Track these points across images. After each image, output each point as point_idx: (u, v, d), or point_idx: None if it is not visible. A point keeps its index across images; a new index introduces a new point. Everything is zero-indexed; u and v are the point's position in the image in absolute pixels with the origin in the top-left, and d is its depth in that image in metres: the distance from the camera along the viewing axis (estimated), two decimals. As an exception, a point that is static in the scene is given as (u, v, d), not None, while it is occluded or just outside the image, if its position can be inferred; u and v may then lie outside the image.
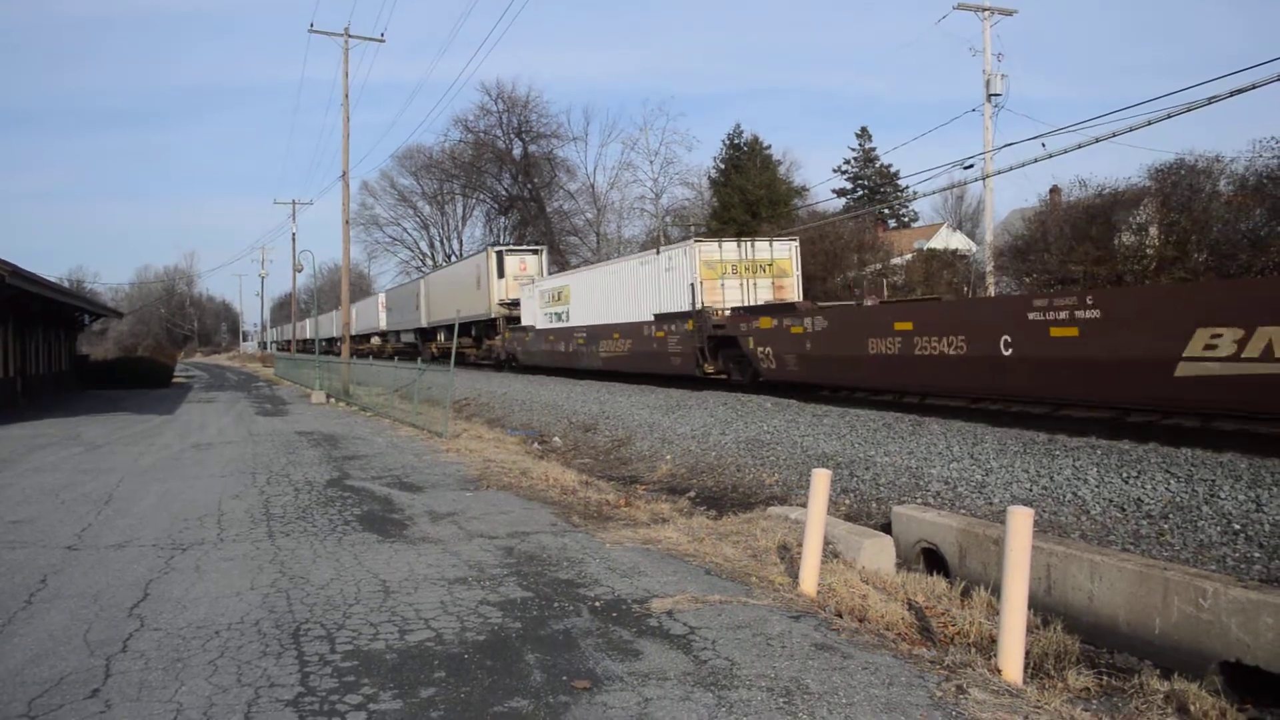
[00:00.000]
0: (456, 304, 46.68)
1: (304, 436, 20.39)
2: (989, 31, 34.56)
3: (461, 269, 50.75)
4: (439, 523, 10.31)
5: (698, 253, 24.97)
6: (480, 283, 44.74)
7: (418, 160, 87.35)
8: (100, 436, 20.95)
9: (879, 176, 72.57)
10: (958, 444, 13.03)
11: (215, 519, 10.70)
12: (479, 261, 45.91)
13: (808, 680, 5.35)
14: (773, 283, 25.43)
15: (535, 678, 5.42)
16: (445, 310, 50.37)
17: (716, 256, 25.03)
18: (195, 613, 6.86)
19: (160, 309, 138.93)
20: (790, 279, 25.78)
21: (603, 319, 30.81)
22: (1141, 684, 6.56)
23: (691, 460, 16.26)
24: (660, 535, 9.46)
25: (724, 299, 24.54)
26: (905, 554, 9.89)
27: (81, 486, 13.30)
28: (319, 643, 6.10)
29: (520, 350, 40.49)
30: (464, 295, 46.70)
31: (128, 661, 5.80)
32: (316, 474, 14.29)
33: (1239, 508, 8.84)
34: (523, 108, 78.80)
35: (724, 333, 23.00)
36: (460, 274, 49.99)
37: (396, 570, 8.09)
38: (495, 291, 43.27)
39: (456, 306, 46.18)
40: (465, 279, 47.78)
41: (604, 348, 30.53)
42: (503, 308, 43.04)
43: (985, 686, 5.37)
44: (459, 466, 15.03)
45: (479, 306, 44.93)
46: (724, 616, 6.58)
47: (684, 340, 24.83)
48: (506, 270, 43.41)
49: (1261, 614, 6.64)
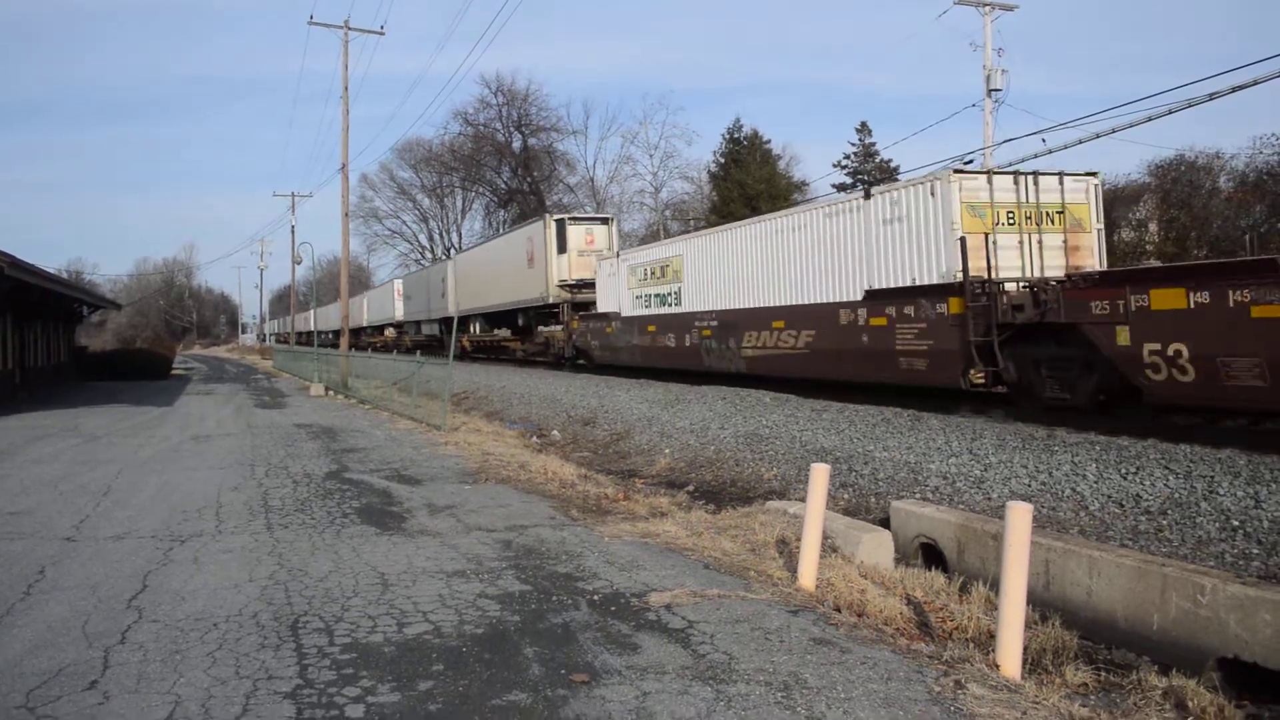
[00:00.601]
0: (498, 288, 41.27)
1: (302, 429, 20.38)
2: (989, 26, 34.50)
3: (505, 245, 42.32)
4: (437, 516, 10.31)
5: (957, 191, 16.31)
6: (534, 260, 36.61)
7: (417, 153, 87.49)
8: (99, 428, 20.93)
9: (879, 171, 72.44)
10: (956, 439, 13.03)
11: (214, 511, 10.69)
12: (532, 234, 37.49)
13: (806, 674, 5.35)
14: (1064, 240, 17.03)
15: (533, 671, 5.42)
16: (483, 295, 44.65)
17: (984, 197, 16.49)
18: (194, 605, 6.85)
19: (159, 301, 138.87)
20: (1088, 235, 17.27)
21: (747, 300, 22.47)
22: (1139, 680, 6.56)
23: (690, 454, 16.26)
24: (659, 529, 9.46)
25: (996, 265, 15.92)
26: (904, 549, 9.89)
27: (80, 478, 13.30)
28: (317, 635, 6.10)
29: (597, 344, 31.83)
30: (509, 277, 39.77)
31: (126, 653, 5.80)
32: (315, 466, 14.28)
33: (1238, 504, 8.84)
34: (522, 101, 78.91)
35: (1037, 318, 14.61)
36: (504, 251, 41.92)
37: (395, 563, 8.09)
38: (554, 270, 35.03)
39: (498, 290, 41.14)
40: (511, 257, 39.88)
41: (752, 341, 22.00)
42: (564, 290, 34.94)
43: (983, 682, 5.37)
44: (458, 460, 15.03)
45: (531, 290, 37.02)
46: (722, 611, 6.58)
47: (935, 331, 16.37)
48: (569, 244, 35.05)
49: (1260, 610, 6.64)
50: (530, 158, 79.85)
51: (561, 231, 35.33)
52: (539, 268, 35.94)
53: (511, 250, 40.13)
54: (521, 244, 38.62)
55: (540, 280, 35.80)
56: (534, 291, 36.53)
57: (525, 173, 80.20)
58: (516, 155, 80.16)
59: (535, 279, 36.32)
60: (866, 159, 70.22)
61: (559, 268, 35.06)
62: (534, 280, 36.49)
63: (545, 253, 35.31)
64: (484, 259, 45.94)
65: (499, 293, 41.23)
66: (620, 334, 29.88)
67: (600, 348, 31.66)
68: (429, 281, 58.15)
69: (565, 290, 34.88)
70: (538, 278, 36.04)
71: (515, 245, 39.71)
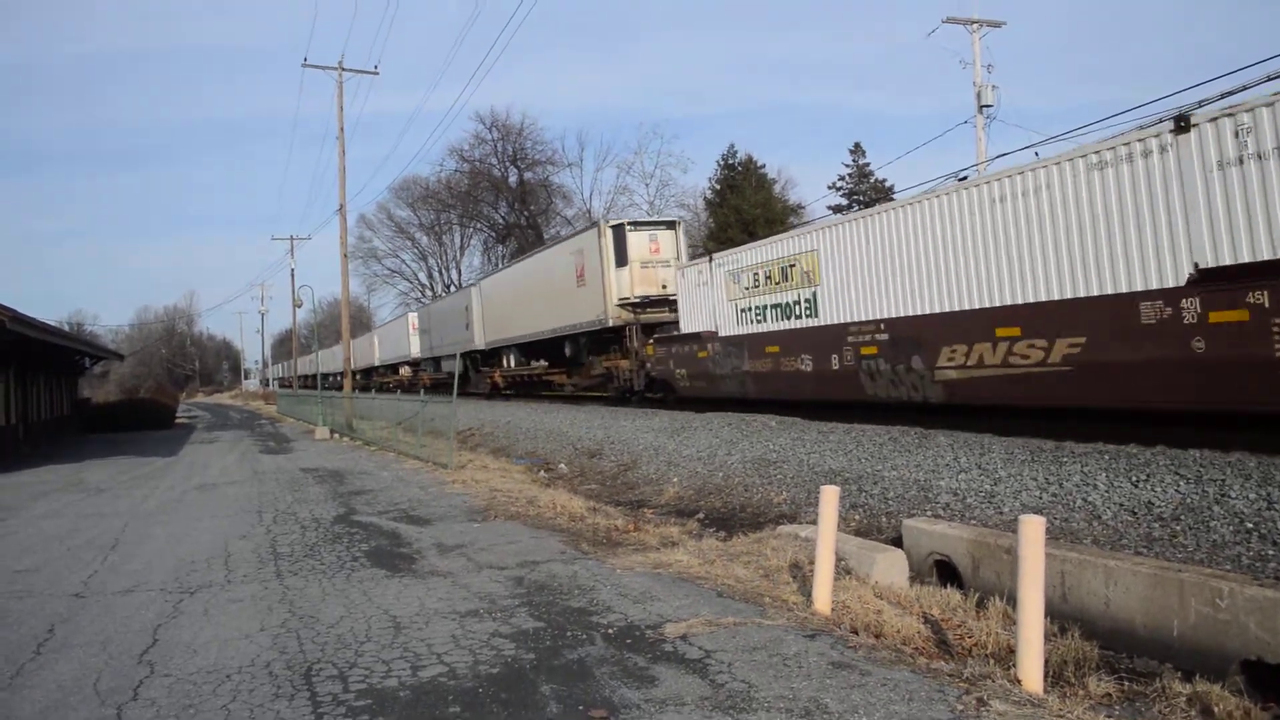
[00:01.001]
0: (537, 313, 35.87)
1: (309, 473, 20.33)
2: (978, 44, 34.73)
3: (545, 262, 36.57)
4: (448, 555, 10.26)
5: None
6: (585, 276, 31.16)
7: (414, 191, 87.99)
8: (104, 481, 20.89)
9: (874, 191, 72.67)
10: (964, 455, 12.98)
11: (223, 560, 10.64)
12: (582, 246, 31.88)
13: (826, 699, 5.29)
14: None
15: (551, 709, 5.36)
16: (517, 323, 39.29)
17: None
18: (205, 657, 6.80)
19: (161, 349, 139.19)
20: None
21: (941, 301, 16.32)
22: (1163, 687, 6.52)
23: (699, 482, 16.20)
24: (670, 559, 9.41)
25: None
26: (918, 567, 9.83)
27: (86, 532, 13.24)
28: (331, 682, 6.04)
29: (685, 373, 25.33)
30: (552, 299, 34.37)
31: (139, 710, 5.74)
32: (323, 511, 14.23)
33: (1250, 506, 8.79)
34: (517, 135, 79.38)
35: None
36: (544, 270, 36.06)
37: (407, 605, 8.03)
38: (613, 287, 29.20)
39: (538, 316, 35.79)
40: (553, 276, 34.29)
41: (955, 359, 15.76)
42: (626, 310, 29.04)
43: (1006, 698, 5.32)
44: (465, 497, 14.98)
45: (582, 312, 31.46)
46: (739, 638, 6.52)
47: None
48: (630, 254, 29.08)
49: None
50: (527, 192, 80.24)
51: (620, 240, 29.50)
52: (593, 285, 30.38)
53: (554, 267, 34.55)
54: (567, 259, 33.07)
55: (595, 300, 30.17)
56: (587, 314, 31.01)
57: (522, 207, 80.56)
58: (513, 190, 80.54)
59: (588, 299, 30.79)
60: (861, 179, 70.45)
61: (619, 283, 29.25)
62: (586, 300, 30.98)
63: (601, 266, 29.60)
64: (517, 281, 40.19)
65: (539, 318, 35.90)
66: (721, 358, 23.36)
67: (689, 377, 25.12)
68: (449, 312, 52.53)
69: (627, 310, 29.02)
70: (591, 297, 30.52)
71: (559, 261, 34.21)
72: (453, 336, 49.88)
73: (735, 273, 23.24)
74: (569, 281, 32.45)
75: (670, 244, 29.83)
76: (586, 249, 31.14)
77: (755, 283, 22.37)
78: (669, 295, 27.90)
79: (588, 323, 31.10)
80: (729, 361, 22.98)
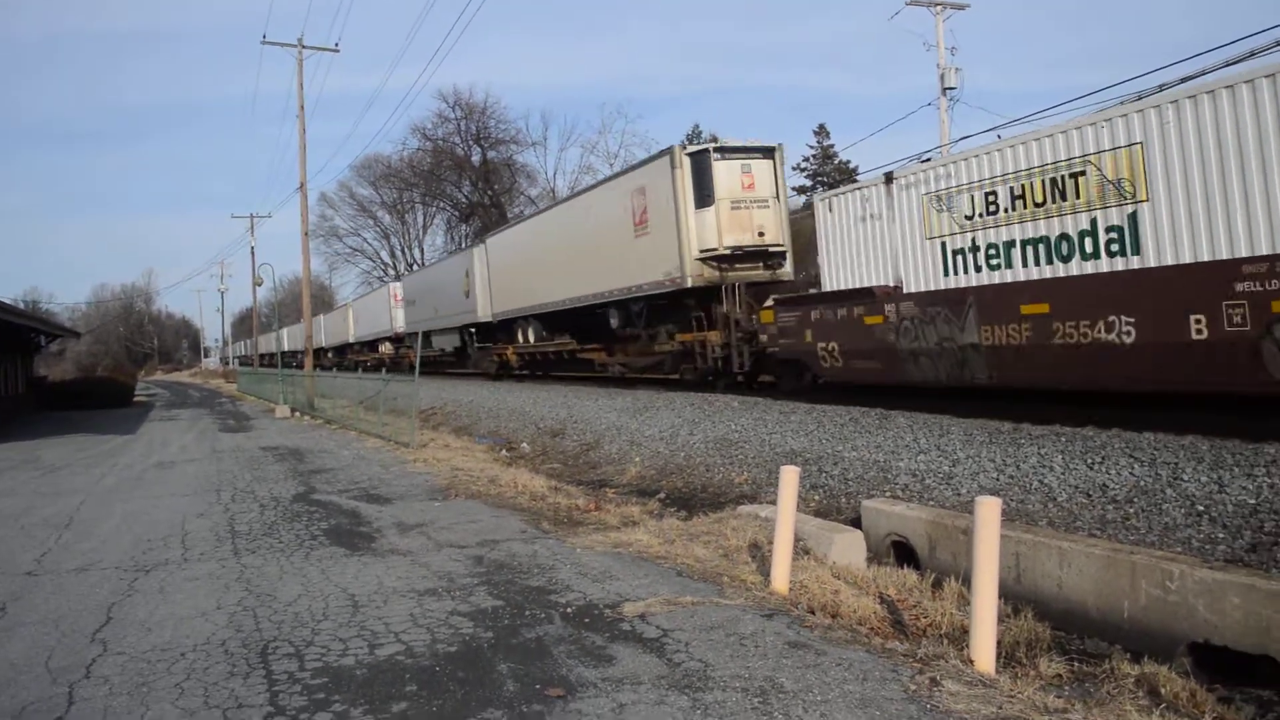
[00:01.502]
0: (575, 274, 28.75)
1: (269, 452, 20.19)
2: (941, 26, 34.82)
3: (584, 210, 28.98)
4: (407, 534, 10.23)
5: None
6: (648, 222, 23.93)
7: (376, 170, 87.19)
8: (60, 459, 20.65)
9: (838, 173, 72.87)
10: (924, 436, 13.08)
11: (179, 539, 10.55)
12: (644, 183, 24.18)
13: (782, 679, 5.33)
14: None
15: (508, 687, 5.37)
16: (542, 288, 31.77)
17: None
18: (160, 635, 6.74)
19: (119, 328, 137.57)
20: None
21: None
22: (1112, 669, 6.61)
23: (660, 462, 16.24)
24: (631, 538, 9.43)
25: None
26: (876, 548, 9.91)
27: (41, 510, 13.09)
28: (287, 660, 6.02)
29: (832, 349, 17.78)
30: (596, 255, 27.29)
31: (91, 688, 5.69)
32: (282, 489, 14.14)
33: (1202, 489, 8.92)
34: (481, 114, 78.75)
35: None
36: (582, 219, 28.85)
37: (365, 584, 8.01)
38: (692, 234, 22.01)
39: (574, 278, 28.80)
40: (598, 225, 27.27)
41: None
42: (710, 267, 21.97)
43: (958, 678, 5.38)
44: (427, 476, 14.93)
45: (644, 269, 24.15)
46: (697, 618, 6.55)
47: None
48: (719, 189, 21.73)
49: (1228, 594, 6.70)
50: (490, 171, 79.74)
51: (703, 171, 22.11)
52: (661, 234, 23.30)
53: (598, 215, 27.44)
54: (619, 202, 25.80)
55: (664, 253, 23.03)
56: (651, 271, 23.85)
57: (486, 186, 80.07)
58: (476, 169, 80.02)
59: (654, 252, 23.66)
60: (825, 160, 70.67)
61: (701, 230, 22.09)
62: (650, 255, 23.84)
63: (676, 208, 22.45)
64: (540, 237, 32.83)
65: (573, 281, 28.95)
66: (916, 327, 15.67)
67: (844, 354, 17.39)
68: (442, 280, 45.08)
69: (710, 266, 22.13)
70: (658, 250, 23.36)
71: (606, 206, 26.83)
72: (448, 308, 43.17)
73: (943, 195, 16.84)
74: (621, 232, 25.49)
75: (768, 177, 22.56)
76: (651, 186, 23.76)
77: (990, 206, 15.93)
78: (769, 246, 22.18)
79: (652, 284, 23.96)
80: (932, 331, 15.31)
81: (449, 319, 43.17)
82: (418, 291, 50.74)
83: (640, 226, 24.47)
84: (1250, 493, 8.58)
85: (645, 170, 24.62)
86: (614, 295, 26.32)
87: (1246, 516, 8.22)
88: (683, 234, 22.30)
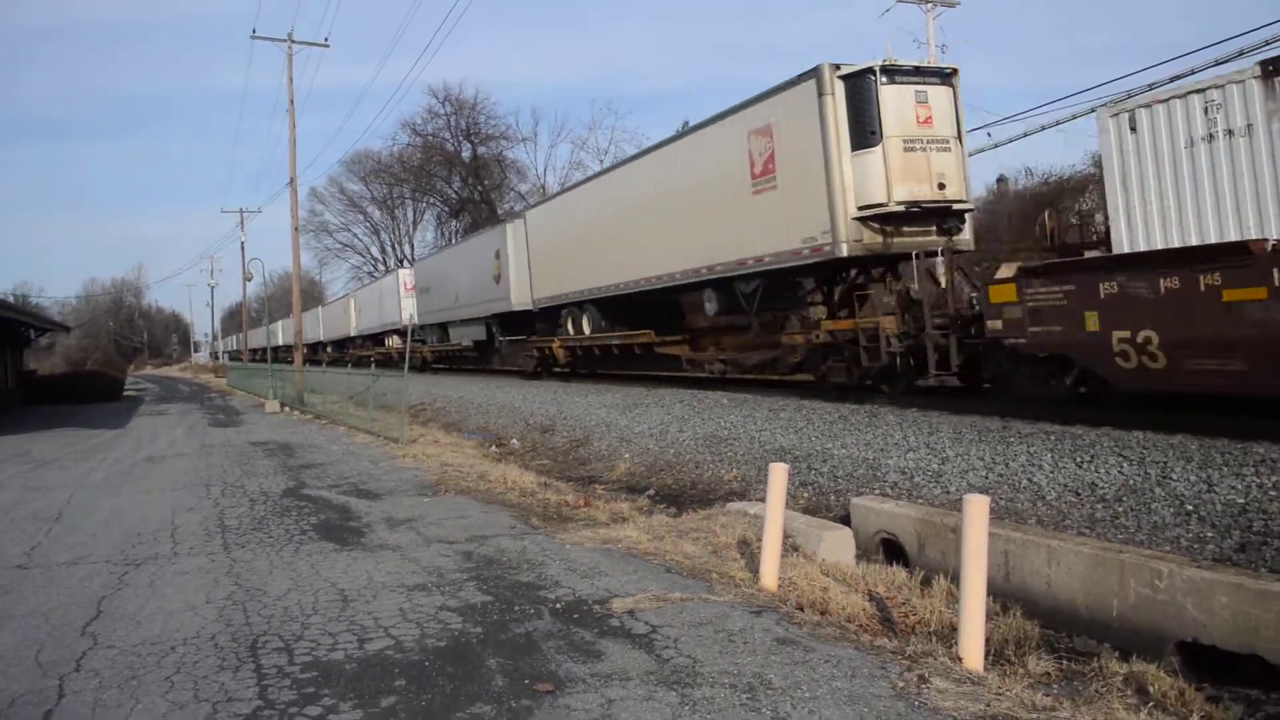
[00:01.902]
0: (651, 249, 23.04)
1: (258, 446, 20.15)
2: (932, 24, 34.82)
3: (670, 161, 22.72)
4: (397, 529, 10.22)
5: None
6: (776, 169, 18.33)
7: (366, 165, 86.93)
8: (49, 452, 20.58)
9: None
10: (914, 434, 13.10)
11: (169, 533, 10.53)
12: (773, 118, 18.40)
13: (770, 675, 5.34)
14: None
15: (497, 682, 5.38)
16: (608, 265, 25.68)
17: None
18: (150, 629, 6.74)
19: (109, 322, 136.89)
20: None
21: None
22: (1101, 667, 6.64)
23: (650, 458, 16.24)
24: (620, 535, 9.44)
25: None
26: (865, 545, 9.93)
27: (31, 504, 13.05)
28: (277, 655, 6.02)
29: (1152, 342, 11.17)
30: (689, 222, 21.33)
31: (81, 681, 5.68)
32: (272, 484, 14.12)
33: (1191, 489, 8.95)
34: (471, 110, 78.55)
35: None
36: (670, 173, 22.56)
37: (355, 579, 8.00)
38: (848, 188, 16.65)
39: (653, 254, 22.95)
40: (694, 182, 21.23)
41: None
42: (872, 230, 16.70)
43: (947, 675, 5.39)
44: (416, 472, 14.92)
45: (770, 237, 18.56)
46: (685, 614, 6.56)
47: None
48: (887, 123, 16.43)
49: (1216, 593, 6.72)
50: (480, 166, 79.59)
51: (864, 99, 16.62)
52: (801, 186, 17.61)
53: (694, 168, 21.18)
54: (729, 149, 19.66)
55: (805, 211, 17.46)
56: (782, 238, 18.15)
57: (476, 181, 79.92)
58: (466, 164, 79.88)
59: (787, 211, 17.97)
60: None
61: (861, 180, 16.57)
62: (781, 214, 18.13)
63: (824, 150, 16.82)
64: (602, 204, 26.58)
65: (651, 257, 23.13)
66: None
67: (1165, 348, 11.12)
68: (464, 263, 39.04)
69: (872, 229, 16.65)
70: (795, 208, 17.76)
71: (707, 155, 20.66)
72: (471, 295, 37.66)
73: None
74: (728, 188, 19.55)
75: (947, 109, 17.01)
76: (782, 124, 18.02)
77: None
78: (951, 202, 16.83)
79: (779, 255, 18.16)
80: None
81: (472, 308, 37.73)
82: (433, 278, 44.74)
83: (762, 179, 18.55)
84: (1239, 492, 8.61)
85: (772, 103, 18.33)
86: (715, 272, 20.48)
87: (1235, 516, 8.25)
88: (835, 185, 16.60)
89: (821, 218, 16.87)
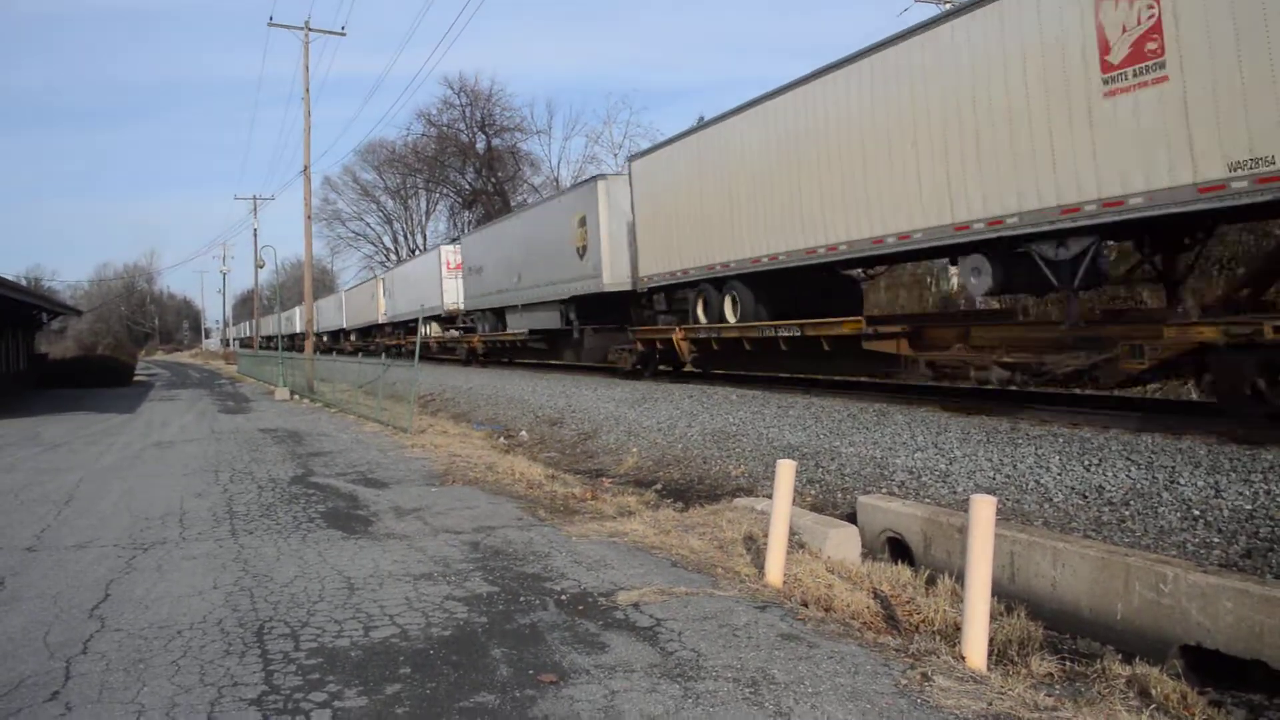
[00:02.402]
0: (865, 198, 15.70)
1: (267, 434, 20.22)
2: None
3: (902, 64, 14.56)
4: (404, 518, 10.26)
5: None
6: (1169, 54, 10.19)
7: (380, 154, 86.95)
8: (60, 436, 20.68)
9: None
10: (922, 434, 13.09)
11: (177, 518, 10.59)
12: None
13: (774, 670, 5.36)
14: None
15: (501, 672, 5.40)
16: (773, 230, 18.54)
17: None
18: (157, 613, 6.78)
19: (120, 307, 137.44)
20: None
21: None
22: (1104, 669, 6.64)
23: (658, 453, 16.26)
24: (626, 528, 9.46)
25: None
26: (871, 543, 9.93)
27: (41, 487, 13.12)
28: (283, 641, 6.05)
29: None
30: (959, 147, 13.52)
31: (88, 663, 5.73)
32: (280, 471, 14.17)
33: (1198, 494, 8.94)
34: (486, 101, 78.47)
35: None
36: (918, 73, 14.22)
37: (361, 567, 8.04)
38: None
39: (871, 206, 15.58)
40: (972, 82, 13.15)
41: None
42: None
43: (950, 674, 5.41)
44: (424, 462, 14.96)
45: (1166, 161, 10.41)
46: (690, 608, 6.58)
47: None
48: None
49: (1221, 598, 6.72)
50: (494, 158, 79.56)
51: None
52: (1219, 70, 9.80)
53: (970, 51, 13.25)
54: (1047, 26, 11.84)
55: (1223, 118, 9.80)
56: (1170, 166, 10.51)
57: (489, 173, 79.90)
58: (480, 156, 79.84)
59: (1183, 116, 10.23)
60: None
61: None
62: (1169, 122, 10.43)
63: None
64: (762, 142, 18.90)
65: (868, 212, 15.81)
66: None
67: None
68: (536, 234, 31.53)
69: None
70: (1202, 108, 10.03)
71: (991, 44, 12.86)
72: (540, 274, 30.71)
73: None
74: (1060, 79, 11.81)
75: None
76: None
77: None
78: None
79: (1184, 189, 10.41)
80: None
81: (541, 289, 30.58)
82: (487, 255, 37.28)
83: (1125, 68, 10.98)
84: (1247, 498, 8.59)
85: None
86: (999, 229, 13.14)
87: (1242, 522, 8.24)
88: None
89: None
